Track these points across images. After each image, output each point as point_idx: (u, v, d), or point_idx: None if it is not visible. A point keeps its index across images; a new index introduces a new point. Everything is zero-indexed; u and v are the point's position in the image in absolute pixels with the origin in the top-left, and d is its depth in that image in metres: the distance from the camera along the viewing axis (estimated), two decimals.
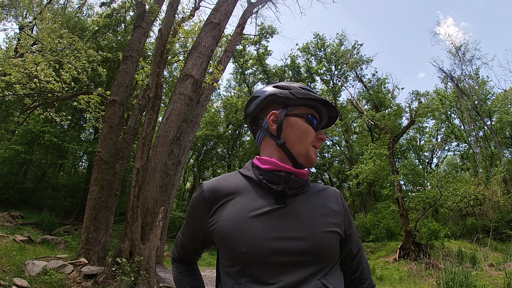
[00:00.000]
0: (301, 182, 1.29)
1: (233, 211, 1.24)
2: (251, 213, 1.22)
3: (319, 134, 1.38)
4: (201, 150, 34.10)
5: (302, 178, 1.29)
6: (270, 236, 1.17)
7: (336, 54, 30.83)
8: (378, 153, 20.67)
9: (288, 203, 1.25)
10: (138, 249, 7.35)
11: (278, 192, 1.25)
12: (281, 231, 1.19)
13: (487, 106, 26.58)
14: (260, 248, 1.16)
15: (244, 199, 1.26)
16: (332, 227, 1.26)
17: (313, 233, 1.20)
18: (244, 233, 1.18)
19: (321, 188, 1.40)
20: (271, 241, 1.17)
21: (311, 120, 1.36)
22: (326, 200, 1.34)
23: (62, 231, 15.93)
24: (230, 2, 11.69)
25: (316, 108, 1.39)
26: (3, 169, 18.43)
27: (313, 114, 1.38)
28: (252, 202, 1.25)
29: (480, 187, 18.77)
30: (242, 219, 1.21)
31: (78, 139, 23.54)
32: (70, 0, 22.17)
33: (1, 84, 11.35)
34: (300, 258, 1.16)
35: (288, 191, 1.26)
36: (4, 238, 10.05)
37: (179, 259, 1.57)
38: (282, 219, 1.21)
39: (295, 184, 1.27)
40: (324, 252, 1.21)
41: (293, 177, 1.27)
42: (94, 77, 19.78)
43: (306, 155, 1.32)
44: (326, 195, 1.37)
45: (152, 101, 8.04)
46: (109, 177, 9.60)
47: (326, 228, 1.24)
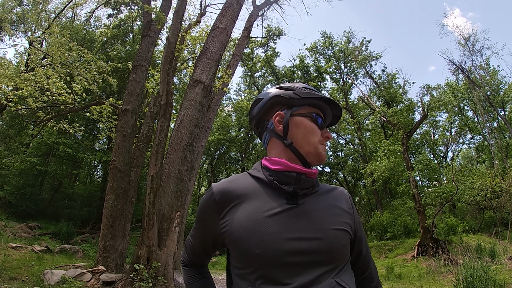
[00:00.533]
0: (312, 182, 1.31)
1: (245, 212, 1.23)
2: (263, 214, 1.21)
3: (325, 133, 1.38)
4: (214, 154, 34.16)
5: (312, 177, 1.31)
6: (283, 236, 1.17)
7: (345, 51, 30.64)
8: (392, 150, 20.51)
9: (299, 203, 1.26)
10: (155, 255, 7.39)
11: (289, 192, 1.25)
12: (294, 232, 1.19)
13: (500, 96, 26.21)
14: (273, 249, 1.15)
15: (255, 200, 1.25)
16: (344, 226, 1.28)
17: (326, 233, 1.21)
18: (257, 235, 1.17)
19: (330, 188, 1.41)
20: (285, 242, 1.16)
21: (316, 119, 1.37)
22: (336, 200, 1.35)
23: (80, 240, 16.11)
24: (236, 6, 11.73)
25: (320, 107, 1.40)
26: (19, 181, 18.70)
27: (317, 113, 1.40)
28: (263, 203, 1.24)
29: (497, 179, 18.49)
30: (254, 221, 1.20)
31: (92, 149, 23.78)
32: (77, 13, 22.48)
33: (14, 99, 11.53)
34: (314, 257, 1.17)
35: (299, 191, 1.26)
36: (23, 249, 10.22)
37: (189, 262, 1.55)
38: (294, 219, 1.21)
39: (305, 184, 1.28)
40: (337, 251, 1.23)
41: (303, 177, 1.27)
42: (105, 87, 19.98)
43: (315, 152, 1.32)
44: (336, 195, 1.38)
45: (164, 109, 8.10)
46: (124, 185, 9.69)
47: (338, 227, 1.25)
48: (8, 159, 20.64)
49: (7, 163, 20.31)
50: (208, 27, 15.38)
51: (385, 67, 36.02)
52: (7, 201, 18.35)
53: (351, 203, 1.41)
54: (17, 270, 7.63)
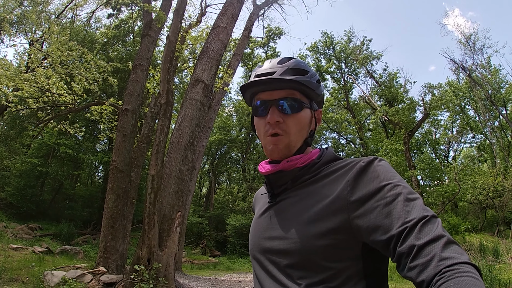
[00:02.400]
0: (287, 177, 1.17)
1: (256, 215, 1.33)
2: (257, 214, 1.29)
3: (268, 119, 1.17)
4: (215, 155, 34.15)
5: (284, 170, 1.17)
6: (262, 235, 1.18)
7: (345, 51, 30.59)
8: (393, 149, 20.49)
9: (277, 200, 1.19)
10: (156, 256, 7.35)
11: (269, 192, 1.24)
12: (269, 230, 1.16)
13: (501, 95, 26.13)
14: (253, 248, 1.22)
15: (260, 202, 1.35)
16: (320, 224, 1.02)
17: (295, 231, 1.06)
18: (251, 233, 1.27)
19: (337, 167, 1.12)
20: (261, 240, 1.17)
21: (256, 108, 1.23)
22: (328, 187, 1.08)
23: (81, 241, 16.09)
24: (236, 6, 11.71)
25: (256, 89, 1.22)
26: (20, 182, 18.69)
27: (256, 97, 1.24)
28: (261, 204, 1.31)
29: (499, 178, 18.50)
30: (253, 221, 1.31)
31: (93, 149, 23.76)
32: (77, 14, 22.47)
33: (14, 99, 11.50)
34: (283, 259, 1.06)
35: (276, 190, 1.21)
36: (23, 250, 10.19)
37: None
38: (272, 217, 1.18)
39: (279, 182, 1.20)
40: (309, 253, 1.01)
41: (272, 177, 1.20)
42: (106, 87, 19.96)
43: (264, 149, 1.21)
44: (334, 178, 1.09)
45: (164, 108, 8.06)
46: (124, 185, 9.65)
47: (311, 225, 1.03)
48: (9, 160, 20.66)
49: (8, 164, 20.32)
50: (209, 27, 15.37)
51: (387, 66, 35.93)
52: (8, 202, 18.37)
53: (352, 182, 1.02)
54: (18, 271, 7.60)
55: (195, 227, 25.90)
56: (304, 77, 1.18)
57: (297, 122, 1.17)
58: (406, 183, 1.01)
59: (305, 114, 1.19)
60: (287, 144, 1.16)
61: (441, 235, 0.83)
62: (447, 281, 0.74)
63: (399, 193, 0.95)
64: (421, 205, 0.92)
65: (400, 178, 1.02)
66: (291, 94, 1.18)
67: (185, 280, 11.35)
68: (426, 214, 0.88)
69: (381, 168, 1.04)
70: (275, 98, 1.17)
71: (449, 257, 0.78)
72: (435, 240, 0.82)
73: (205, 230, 26.33)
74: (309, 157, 1.18)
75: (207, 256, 21.29)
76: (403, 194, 0.94)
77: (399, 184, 0.98)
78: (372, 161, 1.06)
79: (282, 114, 1.16)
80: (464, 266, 0.76)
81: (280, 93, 1.17)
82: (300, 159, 1.16)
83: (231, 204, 30.56)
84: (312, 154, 1.20)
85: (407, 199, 0.93)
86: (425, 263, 0.80)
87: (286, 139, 1.16)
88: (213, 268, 17.91)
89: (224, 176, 39.21)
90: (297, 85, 1.17)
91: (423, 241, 0.83)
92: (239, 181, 36.24)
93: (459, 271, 0.75)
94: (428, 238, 0.83)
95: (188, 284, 10.51)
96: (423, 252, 0.82)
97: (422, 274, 0.80)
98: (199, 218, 26.92)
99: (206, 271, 16.17)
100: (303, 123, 1.19)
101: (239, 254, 22.03)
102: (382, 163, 1.07)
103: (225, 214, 26.61)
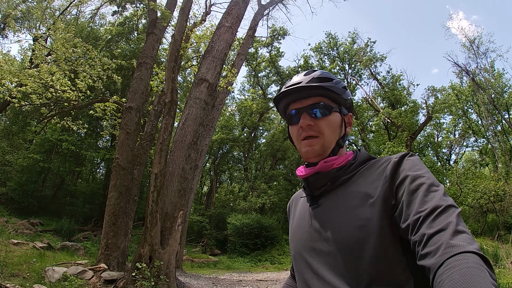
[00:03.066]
0: (326, 178, 1.21)
1: (293, 217, 1.39)
2: (298, 216, 1.33)
3: (300, 124, 1.24)
4: (217, 153, 34.14)
5: (321, 172, 1.21)
6: (309, 238, 1.20)
7: (349, 52, 30.59)
8: (396, 151, 20.43)
9: (319, 202, 1.22)
10: (157, 254, 7.35)
11: (308, 195, 1.28)
12: (316, 233, 1.17)
13: (504, 99, 26.05)
14: (299, 250, 1.23)
15: (298, 205, 1.39)
16: (359, 221, 1.05)
17: (340, 233, 1.08)
18: (295, 235, 1.29)
19: (373, 166, 1.17)
20: (309, 243, 1.19)
21: (290, 117, 1.30)
22: (367, 186, 1.11)
23: (82, 237, 16.12)
24: (242, 5, 11.70)
25: (288, 100, 1.30)
26: (22, 177, 18.73)
27: (289, 108, 1.32)
28: (300, 207, 1.35)
29: (500, 182, 18.47)
30: (295, 222, 1.34)
31: (96, 146, 23.80)
32: (82, 11, 22.48)
33: (18, 95, 11.52)
34: (331, 260, 1.09)
35: (315, 192, 1.24)
36: (24, 245, 10.19)
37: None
38: (317, 220, 1.19)
39: (318, 184, 1.23)
40: (356, 254, 1.03)
41: (311, 179, 1.25)
42: (109, 85, 19.98)
43: (300, 153, 1.28)
44: (372, 176, 1.13)
45: (168, 106, 8.06)
46: (127, 183, 9.65)
47: (357, 226, 1.05)
48: (11, 155, 20.68)
49: (10, 160, 20.35)
50: (213, 26, 15.34)
51: (390, 68, 35.92)
52: (10, 197, 18.40)
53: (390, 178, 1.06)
54: (18, 267, 7.60)
55: (196, 225, 25.91)
56: (330, 83, 1.25)
57: (328, 124, 1.23)
58: (431, 175, 1.04)
59: (335, 117, 1.26)
60: (322, 145, 1.22)
61: (451, 223, 0.85)
62: (452, 271, 0.75)
63: (421, 184, 0.99)
64: (440, 195, 0.94)
65: (427, 170, 1.06)
66: (319, 100, 1.25)
67: (185, 278, 11.35)
68: (442, 204, 0.91)
69: (409, 161, 1.09)
70: (305, 105, 1.25)
71: (456, 245, 0.79)
72: (445, 229, 0.84)
73: (206, 228, 26.35)
74: (345, 158, 1.23)
75: (207, 255, 21.30)
76: (425, 185, 0.98)
77: (423, 175, 1.02)
78: (403, 156, 1.12)
79: (313, 118, 1.23)
80: (470, 255, 0.77)
81: (310, 100, 1.25)
82: (336, 160, 1.21)
83: (232, 203, 30.58)
84: (348, 155, 1.25)
85: (428, 190, 0.97)
86: (433, 251, 0.82)
87: (321, 140, 1.22)
88: (213, 267, 17.92)
89: (225, 175, 39.22)
90: (323, 91, 1.24)
91: (433, 229, 0.86)
92: (240, 181, 36.22)
93: (465, 261, 0.75)
94: (439, 227, 0.85)
95: (188, 282, 10.51)
96: (432, 240, 0.84)
97: (429, 261, 0.82)
98: (200, 216, 26.93)
99: (206, 270, 16.18)
100: (334, 125, 1.25)
101: (239, 253, 22.01)
102: (412, 157, 1.12)
103: (226, 213, 26.61)
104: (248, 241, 22.31)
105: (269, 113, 35.08)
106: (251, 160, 33.82)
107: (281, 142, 30.83)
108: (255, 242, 22.26)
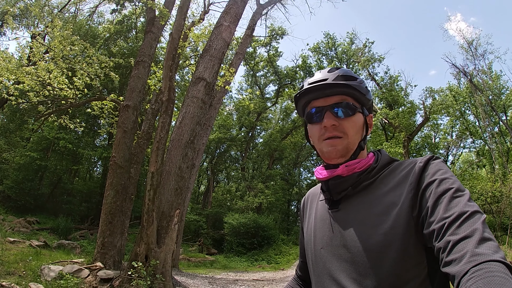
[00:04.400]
0: (347, 182, 1.17)
1: (309, 216, 1.36)
2: (317, 218, 1.28)
3: (323, 123, 1.19)
4: (214, 153, 34.17)
5: (343, 175, 1.17)
6: (329, 243, 1.17)
7: (347, 53, 30.62)
8: (393, 152, 20.47)
9: (340, 207, 1.19)
10: (154, 252, 7.34)
11: (328, 198, 1.24)
12: (336, 239, 1.15)
13: (502, 101, 26.15)
14: (317, 255, 1.21)
15: (314, 204, 1.36)
16: (385, 229, 1.03)
17: (362, 240, 1.06)
18: (312, 238, 1.27)
19: (397, 171, 1.15)
20: (329, 248, 1.17)
21: (310, 115, 1.25)
22: (391, 192, 1.09)
23: (78, 236, 16.09)
24: (240, 4, 11.69)
25: (309, 97, 1.25)
26: (18, 175, 18.68)
27: (309, 106, 1.26)
28: (318, 208, 1.31)
29: (497, 183, 18.50)
30: (313, 225, 1.29)
31: (93, 145, 23.78)
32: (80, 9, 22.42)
33: (15, 92, 11.48)
34: (352, 267, 1.07)
35: (336, 196, 1.20)
36: (20, 243, 10.17)
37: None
38: (338, 225, 1.16)
39: (338, 188, 1.18)
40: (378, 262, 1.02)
41: (331, 183, 1.19)
42: (107, 83, 19.96)
43: (321, 153, 1.23)
44: (396, 182, 1.11)
45: (165, 105, 8.05)
46: (124, 181, 9.62)
47: (380, 233, 1.03)
48: (8, 153, 20.63)
49: (7, 157, 20.30)
50: (211, 25, 15.34)
51: (388, 69, 35.91)
52: (6, 195, 18.36)
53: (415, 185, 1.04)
54: (14, 265, 7.58)
55: (193, 224, 25.92)
56: (354, 82, 1.20)
57: (353, 124, 1.19)
58: (456, 179, 1.01)
59: (358, 118, 1.21)
60: (345, 146, 1.17)
61: (477, 230, 0.83)
62: (477, 279, 0.73)
63: (446, 189, 0.97)
64: (465, 201, 0.92)
65: (451, 174, 1.03)
66: (344, 99, 1.20)
67: (181, 277, 11.35)
68: (467, 210, 0.89)
69: (434, 165, 1.07)
70: (329, 104, 1.20)
71: (481, 254, 0.77)
72: (470, 236, 0.82)
73: (203, 228, 26.37)
74: (367, 162, 1.19)
75: (204, 254, 21.30)
76: (451, 190, 0.96)
77: (448, 180, 0.99)
78: (428, 161, 1.09)
79: (337, 118, 1.18)
80: (495, 264, 0.75)
81: (333, 99, 1.20)
82: (358, 164, 1.17)
83: (229, 203, 30.59)
84: (369, 159, 1.21)
85: (453, 195, 0.94)
86: (458, 258, 0.80)
87: (345, 141, 1.18)
88: (210, 266, 17.92)
89: (222, 175, 39.25)
90: (349, 90, 1.19)
91: (458, 236, 0.83)
92: (237, 180, 36.25)
93: (490, 270, 0.73)
94: (464, 234, 0.83)
95: (185, 281, 10.51)
96: (457, 247, 0.82)
97: (454, 269, 0.80)
98: (197, 215, 26.94)
99: (202, 269, 16.17)
100: (357, 126, 1.20)
101: (236, 253, 22.04)
102: (436, 161, 1.09)
103: (223, 213, 26.65)
104: (245, 240, 22.34)
105: (266, 113, 35.15)
106: (248, 159, 33.85)
107: (279, 142, 30.88)
108: (251, 241, 22.29)
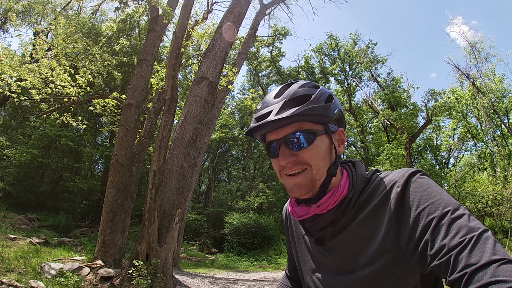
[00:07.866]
0: (324, 221, 1.08)
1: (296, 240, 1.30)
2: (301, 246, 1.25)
3: (279, 162, 1.06)
4: (216, 152, 34.20)
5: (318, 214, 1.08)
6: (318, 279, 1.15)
7: (350, 54, 30.61)
8: (395, 154, 20.47)
9: (326, 244, 1.10)
10: (155, 251, 7.33)
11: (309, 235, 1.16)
12: (326, 276, 1.12)
13: (504, 104, 26.07)
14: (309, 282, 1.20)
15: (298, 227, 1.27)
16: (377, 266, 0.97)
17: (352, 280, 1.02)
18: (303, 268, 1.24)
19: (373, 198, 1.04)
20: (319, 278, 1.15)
21: (268, 149, 1.11)
22: (372, 225, 1.01)
23: (79, 234, 16.08)
24: (243, 4, 11.67)
25: (261, 132, 1.09)
26: (20, 172, 18.70)
27: (266, 136, 1.10)
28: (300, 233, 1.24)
29: (498, 186, 18.49)
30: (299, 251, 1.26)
31: (94, 142, 23.81)
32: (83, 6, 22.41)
33: (17, 90, 11.48)
34: None
35: (317, 234, 1.11)
36: (21, 241, 10.16)
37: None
38: (323, 263, 1.13)
39: (317, 226, 1.09)
40: None
41: (307, 224, 1.12)
42: (109, 81, 19.96)
43: (286, 189, 1.10)
44: (374, 212, 1.01)
45: (168, 104, 8.04)
46: (125, 179, 9.61)
47: (368, 270, 0.99)
48: (10, 150, 20.65)
49: (9, 154, 20.32)
50: (214, 24, 15.32)
51: (391, 71, 36.04)
52: (7, 192, 18.38)
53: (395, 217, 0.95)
54: (15, 262, 7.56)
55: (193, 223, 25.88)
56: (306, 106, 1.02)
57: (315, 152, 1.03)
58: (446, 197, 0.91)
59: (321, 143, 1.05)
60: (310, 179, 1.03)
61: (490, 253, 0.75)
62: None
63: (441, 215, 0.86)
64: (465, 222, 0.82)
65: (439, 192, 0.92)
66: (299, 127, 1.03)
67: (182, 276, 11.33)
68: (472, 233, 0.79)
69: (413, 189, 0.95)
70: (281, 136, 1.04)
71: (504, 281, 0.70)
72: (486, 263, 0.74)
73: (203, 227, 26.33)
74: (340, 193, 1.06)
75: (204, 253, 21.26)
76: (446, 216, 0.85)
77: (439, 204, 0.88)
78: (406, 183, 0.97)
79: (294, 151, 1.03)
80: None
81: (287, 129, 1.04)
82: (330, 200, 1.05)
83: (230, 202, 30.54)
84: (342, 187, 1.07)
85: (451, 220, 0.84)
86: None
87: (309, 173, 1.03)
88: (210, 266, 17.90)
89: (223, 174, 39.24)
90: (299, 117, 1.01)
91: (473, 267, 0.74)
92: (238, 180, 36.24)
93: None
94: (478, 263, 0.74)
95: (185, 280, 10.49)
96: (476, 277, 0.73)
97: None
98: (198, 215, 26.91)
99: (202, 268, 16.16)
100: (321, 153, 1.05)
101: (236, 253, 22.01)
102: (418, 181, 0.97)
103: (224, 212, 26.63)
104: (245, 240, 22.31)
105: None
106: (249, 159, 33.83)
107: None
108: (252, 241, 22.26)
